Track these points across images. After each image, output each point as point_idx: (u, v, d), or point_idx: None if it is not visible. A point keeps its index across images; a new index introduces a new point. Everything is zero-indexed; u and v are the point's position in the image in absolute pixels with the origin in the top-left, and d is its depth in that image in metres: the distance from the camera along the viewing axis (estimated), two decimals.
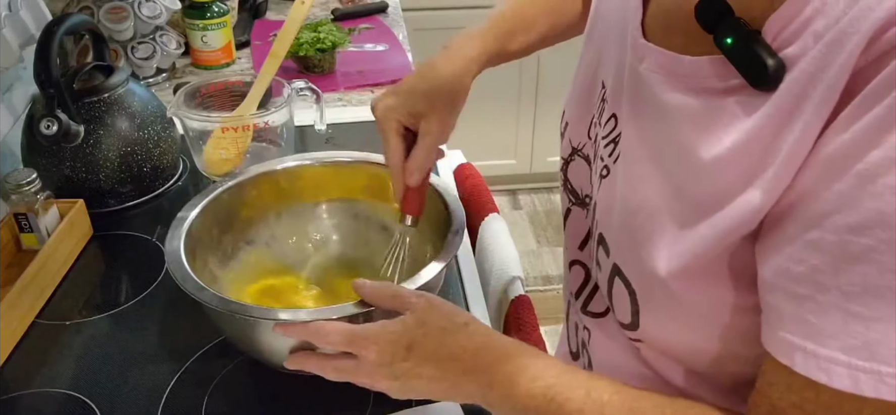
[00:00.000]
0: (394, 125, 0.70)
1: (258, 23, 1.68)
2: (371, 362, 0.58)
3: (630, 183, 0.55)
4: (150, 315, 0.83)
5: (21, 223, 0.88)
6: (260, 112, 1.02)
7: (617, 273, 0.56)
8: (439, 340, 0.58)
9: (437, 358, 0.57)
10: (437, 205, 0.81)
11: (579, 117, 0.67)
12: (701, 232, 0.47)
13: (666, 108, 0.51)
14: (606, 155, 0.59)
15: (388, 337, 0.58)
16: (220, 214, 0.82)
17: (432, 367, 0.57)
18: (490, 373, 0.56)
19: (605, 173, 0.59)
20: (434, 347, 0.57)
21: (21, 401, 0.73)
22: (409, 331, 0.58)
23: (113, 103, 0.99)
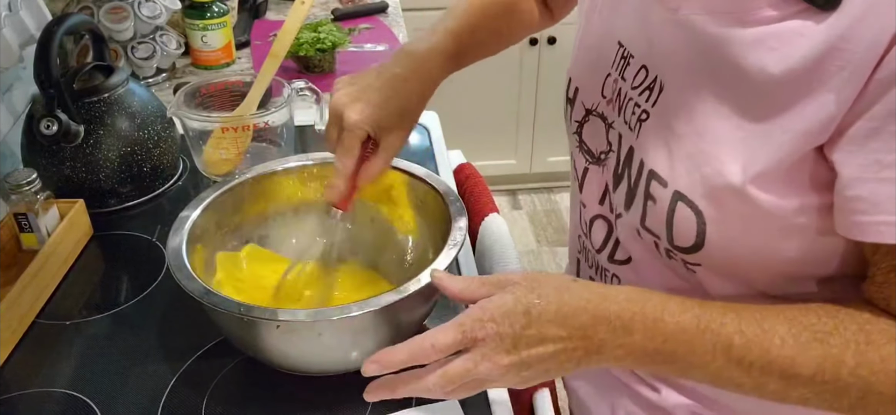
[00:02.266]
0: (361, 135, 0.72)
1: (258, 23, 1.68)
2: (489, 339, 0.53)
3: (686, 116, 0.57)
4: (150, 315, 0.83)
5: (21, 223, 0.88)
6: (260, 112, 1.02)
7: (679, 198, 0.57)
8: (558, 297, 0.54)
9: (561, 315, 0.53)
10: (437, 205, 0.81)
11: (590, 80, 0.70)
12: (777, 140, 0.51)
13: (716, 41, 0.55)
14: (643, 102, 0.62)
15: (502, 308, 0.54)
16: (221, 214, 0.82)
17: (557, 326, 0.53)
18: (623, 316, 0.53)
19: (645, 117, 0.61)
20: (554, 305, 0.53)
21: (21, 401, 0.73)
22: (522, 298, 0.54)
23: (113, 103, 0.99)
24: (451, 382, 0.54)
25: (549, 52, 2.48)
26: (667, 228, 0.59)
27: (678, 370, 0.54)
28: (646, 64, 0.62)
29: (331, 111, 0.75)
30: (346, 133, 0.72)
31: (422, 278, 0.68)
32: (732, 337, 0.51)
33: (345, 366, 0.73)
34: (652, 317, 0.53)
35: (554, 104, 2.55)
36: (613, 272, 0.71)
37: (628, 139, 0.64)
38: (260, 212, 0.86)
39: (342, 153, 0.73)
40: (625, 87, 0.65)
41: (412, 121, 0.76)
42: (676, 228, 0.58)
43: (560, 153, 2.66)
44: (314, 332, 0.67)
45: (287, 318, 0.65)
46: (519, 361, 0.53)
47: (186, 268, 0.70)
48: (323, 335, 0.67)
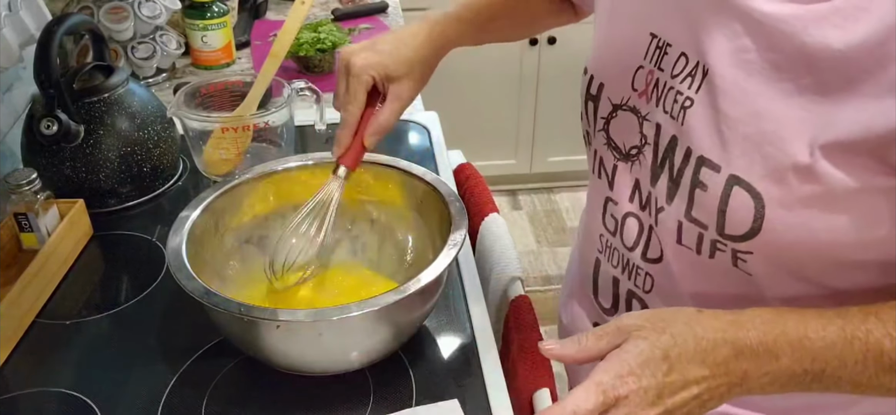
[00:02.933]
0: (367, 80, 0.73)
1: (258, 23, 1.68)
2: (633, 395, 0.50)
3: (738, 98, 0.56)
4: (150, 315, 0.83)
5: (21, 223, 0.88)
6: (260, 112, 1.02)
7: (735, 182, 0.55)
8: (692, 334, 0.52)
9: (701, 352, 0.51)
10: (437, 205, 0.81)
11: (617, 74, 0.68)
12: (848, 116, 0.50)
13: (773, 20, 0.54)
14: (685, 89, 0.60)
15: (640, 358, 0.51)
16: (221, 214, 0.82)
17: (698, 365, 0.51)
18: (766, 342, 0.51)
19: (689, 104, 0.60)
20: (692, 343, 0.51)
21: (21, 401, 0.73)
22: (657, 343, 0.51)
23: (113, 103, 0.99)
24: None
25: (549, 52, 2.48)
26: (718, 216, 0.58)
27: (824, 387, 0.52)
28: (686, 51, 0.61)
29: (339, 64, 0.77)
30: (351, 79, 0.73)
31: (422, 278, 0.68)
32: (882, 342, 0.50)
33: (345, 366, 0.73)
34: (796, 337, 0.51)
35: (554, 104, 2.55)
36: (646, 271, 0.69)
37: (670, 129, 0.62)
38: (260, 212, 0.86)
39: (347, 101, 0.74)
40: (663, 76, 0.63)
41: (422, 72, 0.77)
42: (730, 214, 0.57)
43: (560, 153, 2.66)
44: (314, 332, 0.67)
45: (287, 318, 0.65)
46: (664, 411, 0.51)
47: (186, 268, 0.70)
48: (323, 335, 0.67)
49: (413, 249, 0.86)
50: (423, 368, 0.75)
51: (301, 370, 0.73)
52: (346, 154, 0.77)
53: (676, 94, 0.61)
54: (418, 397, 0.72)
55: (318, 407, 0.71)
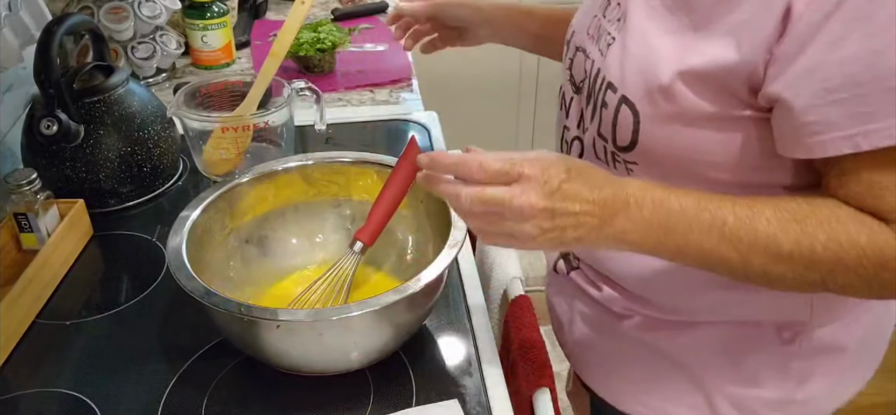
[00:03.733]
0: None
1: (258, 23, 1.68)
2: (534, 179, 0.57)
3: (640, 36, 0.66)
4: (150, 315, 0.83)
5: (21, 223, 0.88)
6: (260, 112, 1.02)
7: (623, 102, 0.66)
8: (589, 168, 0.60)
9: (592, 181, 0.59)
10: (437, 204, 0.81)
11: (584, 24, 0.78)
12: (700, 50, 0.60)
13: None
14: (612, 30, 0.70)
15: (549, 159, 0.58)
16: (221, 214, 0.82)
17: (588, 190, 0.58)
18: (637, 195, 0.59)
19: (611, 42, 0.70)
20: (587, 172, 0.59)
21: (21, 401, 0.73)
22: (561, 158, 0.59)
23: (113, 103, 0.99)
24: (484, 203, 0.57)
25: None
26: (612, 130, 0.68)
27: (675, 246, 0.59)
28: (620, 1, 0.70)
29: None
30: None
31: (422, 278, 0.68)
32: (726, 216, 0.58)
33: (345, 366, 0.73)
34: (660, 197, 0.59)
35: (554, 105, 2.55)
36: None
37: (598, 64, 0.71)
38: (260, 212, 0.86)
39: None
40: (603, 22, 0.73)
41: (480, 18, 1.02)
42: (619, 128, 0.67)
43: None
44: (314, 332, 0.67)
45: (287, 318, 0.65)
46: (551, 208, 0.57)
47: (186, 268, 0.70)
48: (323, 335, 0.67)
49: (413, 249, 0.86)
50: (423, 368, 0.75)
51: (301, 370, 0.73)
52: (364, 229, 0.77)
53: (607, 34, 0.71)
54: (418, 397, 0.72)
55: (318, 407, 0.71)
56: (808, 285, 0.59)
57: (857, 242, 0.55)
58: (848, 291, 0.58)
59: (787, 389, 0.73)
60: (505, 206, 0.57)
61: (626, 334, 0.77)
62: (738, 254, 0.58)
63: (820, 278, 0.57)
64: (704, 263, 0.60)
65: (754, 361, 0.73)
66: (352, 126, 1.22)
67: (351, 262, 0.77)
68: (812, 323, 0.71)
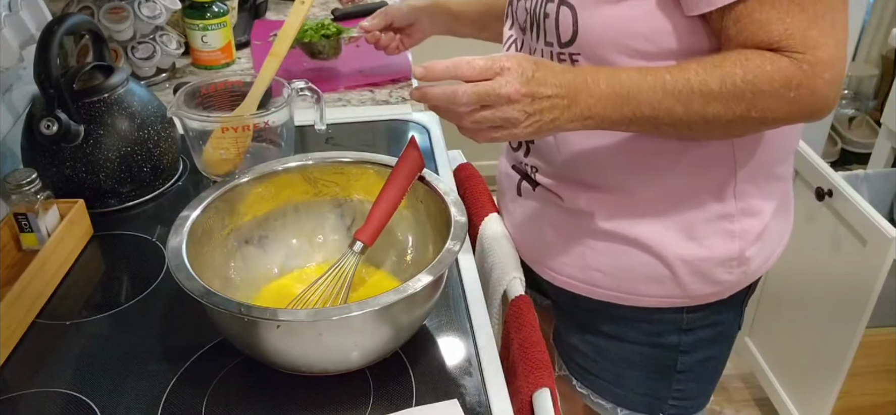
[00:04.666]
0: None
1: (258, 23, 1.68)
2: (514, 69, 0.67)
3: None
4: (150, 315, 0.83)
5: (21, 223, 0.88)
6: (260, 112, 1.02)
7: (562, 4, 0.76)
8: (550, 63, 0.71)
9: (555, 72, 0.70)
10: (438, 205, 0.81)
11: None
12: None
13: None
14: None
15: (520, 56, 0.69)
16: (221, 214, 0.82)
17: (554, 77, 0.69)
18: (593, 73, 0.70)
19: None
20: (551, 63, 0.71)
21: (21, 401, 0.73)
22: (528, 56, 0.70)
23: (113, 103, 0.99)
24: (478, 96, 0.67)
25: None
26: (555, 31, 0.78)
27: (630, 110, 0.70)
28: None
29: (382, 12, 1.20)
30: None
31: (422, 278, 0.68)
32: (664, 76, 0.70)
33: (345, 366, 0.73)
34: (611, 72, 0.71)
35: None
36: None
37: None
38: (260, 212, 0.86)
39: None
40: None
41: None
42: (560, 27, 0.77)
43: None
44: (314, 332, 0.67)
45: (287, 318, 0.65)
46: (530, 93, 0.68)
47: (186, 268, 0.70)
48: (323, 335, 0.67)
49: (413, 249, 0.86)
50: (423, 368, 0.75)
51: (301, 370, 0.73)
52: (364, 229, 0.78)
53: None
54: (418, 397, 0.72)
55: (318, 407, 0.71)
56: (740, 119, 0.70)
57: (765, 70, 0.67)
58: (769, 115, 0.70)
59: (733, 248, 0.84)
60: (495, 94, 0.67)
61: (595, 227, 0.86)
62: (680, 104, 0.69)
63: (746, 108, 0.69)
64: (654, 122, 0.71)
65: (704, 227, 0.83)
66: (352, 126, 1.22)
67: (351, 262, 0.77)
68: (738, 176, 0.81)
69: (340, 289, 0.76)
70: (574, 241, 0.89)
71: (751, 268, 0.87)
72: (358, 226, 0.81)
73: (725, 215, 0.83)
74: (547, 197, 0.90)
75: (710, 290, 0.86)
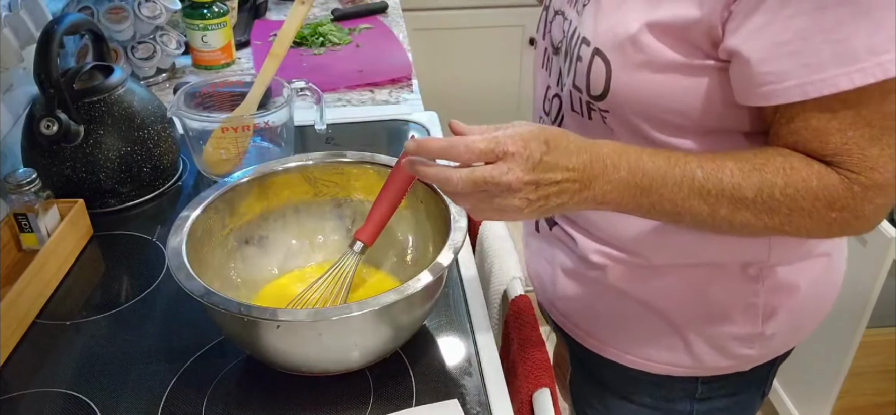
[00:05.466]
0: None
1: (258, 23, 1.68)
2: (518, 155, 0.60)
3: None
4: (150, 315, 0.83)
5: (21, 223, 0.88)
6: (260, 112, 1.02)
7: (596, 54, 0.69)
8: (565, 138, 0.64)
9: (570, 151, 0.63)
10: (438, 205, 0.81)
11: None
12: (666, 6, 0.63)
13: None
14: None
15: (530, 134, 0.62)
16: (221, 214, 0.82)
17: (567, 158, 0.62)
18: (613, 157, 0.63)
19: (587, 2, 0.73)
20: (565, 142, 0.63)
21: (21, 401, 0.73)
22: (540, 129, 0.63)
23: (113, 103, 0.99)
24: (475, 184, 0.61)
25: None
26: (586, 80, 0.71)
27: (649, 203, 0.64)
28: None
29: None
30: None
31: (422, 278, 0.68)
32: (695, 171, 0.63)
33: (345, 366, 0.73)
34: (635, 158, 0.64)
35: None
36: None
37: (574, 23, 0.74)
38: (260, 212, 0.86)
39: None
40: None
41: None
42: (592, 78, 0.70)
43: None
44: (314, 332, 0.67)
45: (287, 318, 0.65)
46: (535, 180, 0.61)
47: (186, 268, 0.70)
48: (323, 335, 0.67)
49: (413, 249, 0.86)
50: (423, 368, 0.75)
51: (301, 370, 0.73)
52: (364, 229, 0.77)
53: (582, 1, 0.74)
54: (418, 397, 0.72)
55: (318, 407, 0.71)
56: (769, 229, 0.64)
57: (810, 186, 0.61)
58: (802, 232, 0.64)
59: (755, 324, 0.78)
60: (493, 183, 0.61)
61: (605, 283, 0.80)
62: (707, 205, 0.63)
63: (779, 222, 0.63)
64: (676, 217, 0.65)
65: (723, 299, 0.77)
66: (352, 126, 1.22)
67: (351, 262, 0.77)
68: (771, 260, 0.75)
69: (340, 289, 0.76)
70: (584, 291, 0.84)
71: (774, 344, 0.81)
72: (358, 226, 0.81)
73: (750, 289, 0.77)
74: (562, 238, 0.84)
75: (726, 363, 0.81)
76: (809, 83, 0.58)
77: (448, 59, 2.44)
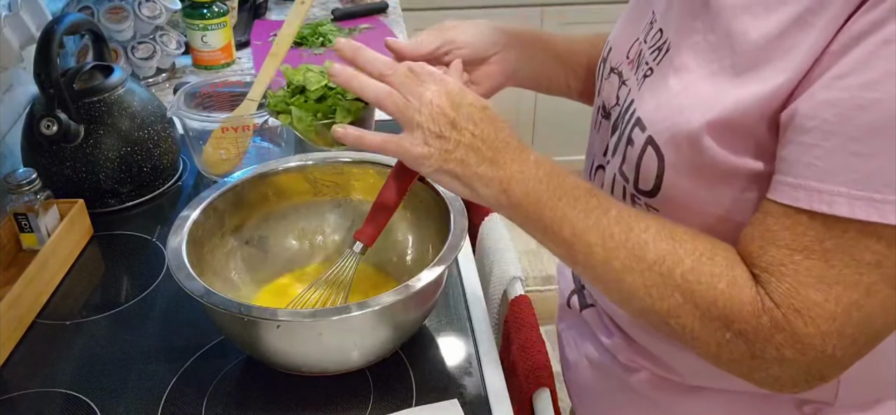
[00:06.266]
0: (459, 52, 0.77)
1: (258, 23, 1.68)
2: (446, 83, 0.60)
3: (679, 72, 0.60)
4: (150, 315, 0.83)
5: (21, 223, 0.88)
6: (260, 112, 1.02)
7: (650, 143, 0.60)
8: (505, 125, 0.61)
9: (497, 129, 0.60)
10: (437, 205, 0.81)
11: (624, 42, 0.72)
12: (735, 96, 0.53)
13: (714, 5, 0.57)
14: (651, 60, 0.65)
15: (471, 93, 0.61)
16: (221, 214, 0.82)
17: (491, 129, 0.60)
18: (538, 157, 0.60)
19: (649, 73, 0.64)
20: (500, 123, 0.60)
21: (21, 401, 0.73)
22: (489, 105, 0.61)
23: (113, 103, 0.99)
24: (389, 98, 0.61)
25: None
26: (635, 171, 0.62)
27: (550, 216, 0.58)
28: (662, 26, 0.65)
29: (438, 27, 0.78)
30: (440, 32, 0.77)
31: (422, 278, 0.68)
32: (610, 208, 0.57)
33: (345, 366, 0.73)
34: (559, 169, 0.59)
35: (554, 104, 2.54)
36: None
37: (632, 93, 0.66)
38: (260, 212, 0.86)
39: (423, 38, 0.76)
40: (644, 48, 0.67)
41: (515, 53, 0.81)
42: (643, 170, 0.61)
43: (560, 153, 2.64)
44: (314, 332, 0.67)
45: (287, 318, 0.65)
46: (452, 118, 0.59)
47: (186, 268, 0.70)
48: (323, 335, 0.67)
49: (413, 249, 0.86)
50: (423, 368, 0.75)
51: (301, 370, 0.73)
52: (364, 229, 0.75)
53: (645, 64, 0.66)
54: (418, 397, 0.72)
55: (318, 407, 0.71)
56: (652, 314, 0.56)
57: (715, 286, 0.52)
58: (685, 337, 0.55)
59: None
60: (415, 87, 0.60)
61: (632, 387, 0.74)
62: (603, 248, 0.56)
63: (665, 309, 0.54)
64: (568, 248, 0.58)
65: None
66: None
67: (351, 262, 0.77)
68: (837, 404, 0.65)
69: (340, 289, 0.76)
70: (610, 388, 0.77)
71: None
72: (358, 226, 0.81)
73: None
74: (594, 325, 0.78)
75: None
76: (803, 188, 0.49)
77: None
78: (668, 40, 0.63)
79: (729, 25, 0.55)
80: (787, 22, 0.51)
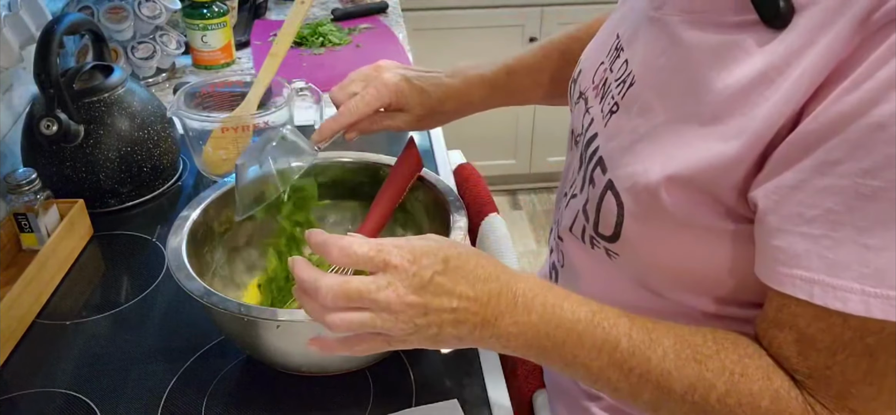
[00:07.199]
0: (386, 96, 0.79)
1: (258, 23, 1.68)
2: (402, 270, 0.51)
3: (644, 114, 0.58)
4: (150, 315, 0.83)
5: (21, 223, 0.88)
6: (260, 112, 1.02)
7: (609, 188, 0.59)
8: (475, 261, 0.54)
9: (474, 276, 0.53)
10: (437, 205, 0.81)
11: (590, 65, 0.71)
12: (695, 149, 0.52)
13: (682, 45, 0.56)
14: (617, 94, 0.63)
15: (424, 249, 0.52)
16: (221, 214, 0.82)
17: (467, 285, 0.52)
18: (527, 295, 0.53)
19: (615, 109, 0.62)
20: (471, 265, 0.53)
21: (21, 401, 0.73)
22: (441, 246, 0.53)
23: (113, 103, 0.99)
24: (347, 297, 0.51)
25: None
26: (596, 213, 0.61)
27: (562, 361, 0.54)
28: (628, 58, 0.63)
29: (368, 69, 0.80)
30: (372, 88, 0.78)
31: None
32: (620, 339, 0.52)
33: (345, 366, 0.73)
34: (552, 303, 0.53)
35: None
36: (560, 247, 0.73)
37: (597, 126, 0.64)
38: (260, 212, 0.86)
39: (357, 102, 0.78)
40: (610, 77, 0.65)
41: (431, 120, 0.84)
42: (603, 214, 0.60)
43: (559, 153, 2.66)
44: (314, 332, 0.67)
45: (287, 318, 0.65)
46: (422, 304, 0.51)
47: (186, 268, 0.70)
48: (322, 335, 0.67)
49: None
50: (423, 368, 0.75)
51: (301, 370, 0.73)
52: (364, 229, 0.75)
53: (611, 97, 0.64)
54: (418, 397, 0.72)
55: (318, 407, 0.71)
56: None
57: (758, 405, 0.49)
58: None
59: None
60: (369, 300, 0.50)
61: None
62: (627, 383, 0.52)
63: None
64: (592, 383, 0.55)
65: None
66: None
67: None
68: None
69: None
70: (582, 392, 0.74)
71: None
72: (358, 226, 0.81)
73: None
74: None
75: None
76: (817, 283, 0.46)
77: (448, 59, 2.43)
78: (632, 73, 0.61)
79: (695, 72, 0.54)
80: (753, 76, 0.49)
